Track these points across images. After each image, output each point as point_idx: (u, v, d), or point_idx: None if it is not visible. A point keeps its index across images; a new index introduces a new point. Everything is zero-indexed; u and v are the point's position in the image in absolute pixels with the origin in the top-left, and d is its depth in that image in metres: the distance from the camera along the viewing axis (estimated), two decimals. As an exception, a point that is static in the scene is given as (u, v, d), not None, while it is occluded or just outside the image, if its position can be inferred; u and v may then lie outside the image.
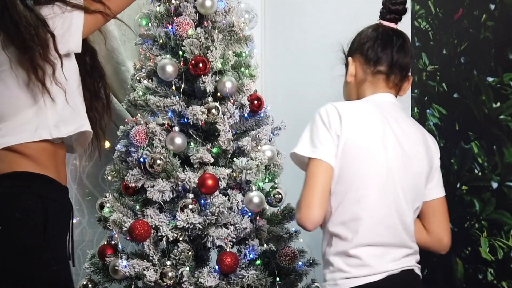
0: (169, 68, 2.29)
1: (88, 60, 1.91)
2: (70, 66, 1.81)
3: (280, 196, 2.37)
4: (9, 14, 1.70)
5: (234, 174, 2.27)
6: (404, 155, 1.88)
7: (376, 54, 1.95)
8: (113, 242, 2.32)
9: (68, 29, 1.77)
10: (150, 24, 2.41)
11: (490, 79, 2.23)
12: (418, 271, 1.93)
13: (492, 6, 2.24)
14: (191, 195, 2.25)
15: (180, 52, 2.32)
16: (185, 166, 2.29)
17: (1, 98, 1.74)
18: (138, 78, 2.38)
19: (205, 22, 2.35)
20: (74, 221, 1.92)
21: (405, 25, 2.42)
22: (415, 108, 2.49)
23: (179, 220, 2.21)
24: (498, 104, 2.20)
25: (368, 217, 1.82)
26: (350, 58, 2.00)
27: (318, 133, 1.83)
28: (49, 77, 1.71)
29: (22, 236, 1.66)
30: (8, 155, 1.72)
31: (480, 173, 2.25)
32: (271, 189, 2.38)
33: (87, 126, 1.84)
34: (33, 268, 1.66)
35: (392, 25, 2.01)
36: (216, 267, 2.25)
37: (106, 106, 2.01)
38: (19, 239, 1.66)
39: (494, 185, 2.20)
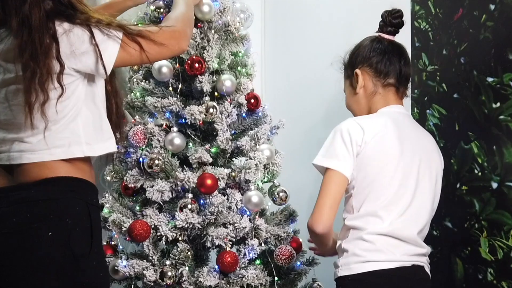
0: (165, 69, 2.30)
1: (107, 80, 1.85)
2: (101, 87, 1.78)
3: (285, 194, 2.36)
4: (29, 26, 1.62)
5: (233, 174, 2.27)
6: (422, 161, 1.97)
7: (386, 67, 2.02)
8: (112, 243, 2.32)
9: (99, 55, 1.68)
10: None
11: (490, 79, 2.23)
12: (428, 270, 1.98)
13: (492, 7, 2.23)
14: (190, 195, 2.25)
15: (176, 53, 2.32)
16: (184, 166, 2.29)
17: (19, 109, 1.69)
18: (135, 80, 2.38)
19: (199, 23, 2.35)
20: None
21: (405, 25, 2.41)
22: (415, 108, 2.49)
23: (179, 220, 2.21)
24: (498, 104, 2.20)
25: (386, 214, 1.89)
26: (358, 70, 2.04)
27: (336, 147, 1.91)
28: (40, 105, 1.61)
29: (73, 243, 1.63)
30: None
31: (480, 173, 2.25)
32: (274, 188, 2.37)
33: (114, 146, 1.80)
34: (83, 275, 1.64)
35: (391, 37, 2.07)
36: (216, 266, 2.25)
37: (119, 127, 1.94)
38: (70, 246, 1.62)
39: (494, 185, 2.20)
